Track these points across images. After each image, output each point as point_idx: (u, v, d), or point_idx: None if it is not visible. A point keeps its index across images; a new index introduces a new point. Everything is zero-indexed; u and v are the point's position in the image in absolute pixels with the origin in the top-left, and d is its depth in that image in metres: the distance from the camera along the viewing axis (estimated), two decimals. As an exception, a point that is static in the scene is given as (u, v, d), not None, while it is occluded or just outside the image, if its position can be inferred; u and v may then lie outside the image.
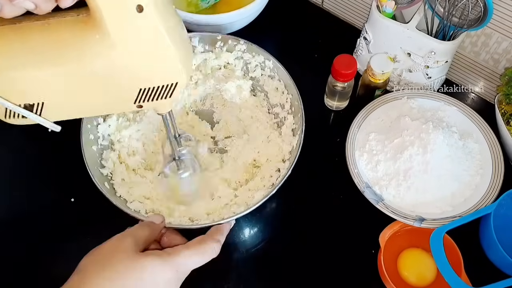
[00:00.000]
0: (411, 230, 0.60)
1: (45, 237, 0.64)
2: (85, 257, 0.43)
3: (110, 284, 0.40)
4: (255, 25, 0.79)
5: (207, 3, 0.81)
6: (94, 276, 0.40)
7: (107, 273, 0.40)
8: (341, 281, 0.60)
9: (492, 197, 0.60)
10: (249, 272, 0.61)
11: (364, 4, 0.78)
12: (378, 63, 0.65)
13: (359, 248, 0.61)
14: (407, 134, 0.62)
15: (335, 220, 0.64)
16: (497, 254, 0.55)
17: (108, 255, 0.42)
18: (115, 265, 0.41)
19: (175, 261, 0.43)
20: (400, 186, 0.61)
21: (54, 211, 0.66)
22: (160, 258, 0.43)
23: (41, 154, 0.70)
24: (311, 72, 0.77)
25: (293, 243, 0.63)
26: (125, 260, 0.41)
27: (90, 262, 0.42)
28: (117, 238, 0.44)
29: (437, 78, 0.70)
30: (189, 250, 0.45)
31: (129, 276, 0.41)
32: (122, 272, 0.41)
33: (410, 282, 0.58)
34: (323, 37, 0.82)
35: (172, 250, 0.45)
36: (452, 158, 0.61)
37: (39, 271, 0.61)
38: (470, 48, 0.70)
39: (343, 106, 0.73)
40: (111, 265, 0.41)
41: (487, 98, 0.74)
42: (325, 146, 0.70)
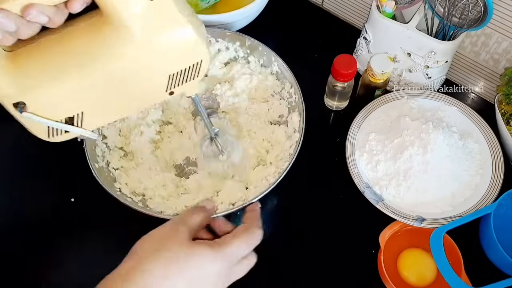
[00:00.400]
0: (411, 230, 0.60)
1: (45, 237, 0.64)
2: (138, 242, 0.43)
3: (163, 269, 0.40)
4: (255, 25, 0.79)
5: (207, 3, 0.81)
6: (149, 258, 0.40)
7: (161, 255, 0.41)
8: (341, 281, 0.60)
9: (492, 197, 0.59)
10: (248, 272, 0.61)
11: (364, 4, 0.78)
12: (378, 63, 0.65)
13: (359, 248, 0.61)
14: (407, 134, 0.62)
15: (335, 220, 0.64)
16: (497, 254, 0.55)
17: (163, 239, 0.42)
18: (170, 249, 0.41)
19: (226, 251, 0.44)
20: (400, 186, 0.61)
21: (54, 211, 0.66)
22: (211, 248, 0.43)
23: (41, 154, 0.70)
24: (311, 72, 0.77)
25: (293, 243, 0.63)
26: (179, 245, 0.42)
27: (146, 245, 0.42)
28: (171, 224, 0.45)
29: (437, 78, 0.70)
30: (238, 239, 0.45)
31: (182, 261, 0.41)
32: (176, 256, 0.41)
33: (410, 282, 0.58)
34: (323, 37, 0.82)
35: (221, 240, 0.45)
36: (452, 158, 0.61)
37: (39, 271, 0.61)
38: (470, 48, 0.70)
39: (343, 106, 0.73)
40: (164, 251, 0.41)
41: (487, 98, 0.74)
42: (325, 146, 0.70)
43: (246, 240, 0.46)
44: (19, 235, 0.64)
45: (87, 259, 0.62)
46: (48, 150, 0.59)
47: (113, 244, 0.63)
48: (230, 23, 0.74)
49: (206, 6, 0.82)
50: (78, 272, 0.61)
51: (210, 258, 0.42)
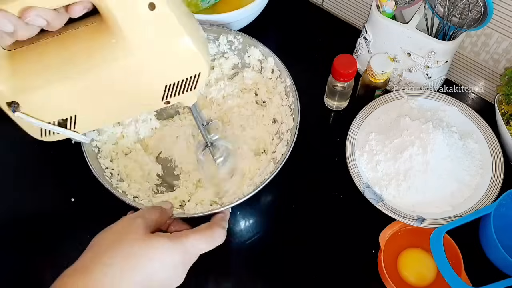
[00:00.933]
0: (411, 230, 0.60)
1: (45, 237, 0.64)
2: (96, 236, 0.43)
3: (121, 262, 0.40)
4: (255, 25, 0.79)
5: (207, 3, 0.81)
6: (105, 253, 0.41)
7: (116, 249, 0.41)
8: (341, 281, 0.60)
9: (492, 197, 0.59)
10: (248, 272, 0.61)
11: (364, 4, 0.78)
12: (378, 63, 0.65)
13: (359, 248, 0.61)
14: (407, 134, 0.62)
15: (335, 220, 0.64)
16: (497, 254, 0.55)
17: (119, 235, 0.43)
18: (126, 244, 0.41)
19: (183, 243, 0.44)
20: (400, 186, 0.61)
21: (54, 211, 0.66)
22: (169, 240, 0.43)
23: (41, 154, 0.70)
24: (311, 72, 0.77)
25: (293, 243, 0.63)
26: (135, 240, 0.42)
27: (101, 241, 0.43)
28: (127, 218, 0.45)
29: (437, 78, 0.70)
30: (197, 234, 0.46)
31: (138, 254, 0.41)
32: (132, 249, 0.41)
33: (410, 282, 0.58)
34: (323, 37, 0.82)
35: (180, 233, 0.45)
36: (452, 158, 0.61)
37: (40, 271, 0.61)
38: (470, 48, 0.70)
39: (343, 106, 0.73)
40: (122, 244, 0.41)
41: (487, 98, 0.74)
42: (325, 146, 0.70)
43: (206, 237, 0.46)
44: (19, 235, 0.64)
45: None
46: (48, 150, 0.59)
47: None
48: (230, 23, 0.74)
49: (206, 6, 0.82)
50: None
51: (168, 249, 0.43)
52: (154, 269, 0.41)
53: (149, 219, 0.46)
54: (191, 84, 0.44)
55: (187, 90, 0.44)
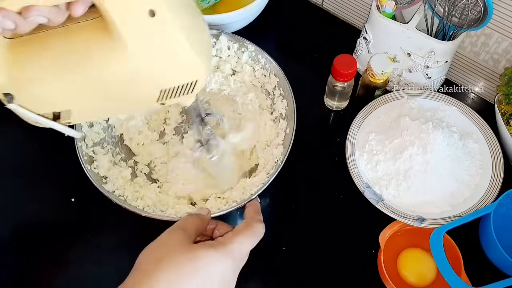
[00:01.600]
0: (411, 230, 0.60)
1: (45, 237, 0.64)
2: (141, 254, 0.43)
3: (166, 273, 0.40)
4: (255, 25, 0.79)
5: (207, 3, 0.81)
6: (151, 269, 0.40)
7: (163, 264, 0.40)
8: (341, 281, 0.60)
9: (492, 197, 0.60)
10: (248, 271, 0.61)
11: (364, 4, 0.78)
12: (378, 63, 0.65)
13: (359, 248, 0.61)
14: (407, 134, 0.63)
15: (335, 220, 0.64)
16: (497, 254, 0.55)
17: (162, 248, 0.42)
18: (171, 256, 0.41)
19: (229, 249, 0.43)
20: (400, 186, 0.61)
21: (54, 211, 0.66)
22: (214, 248, 0.42)
23: (41, 154, 0.70)
24: (311, 72, 0.77)
25: (292, 243, 0.63)
26: (179, 251, 0.41)
27: (147, 259, 0.42)
28: (167, 232, 0.44)
29: (437, 78, 0.70)
30: (241, 236, 0.45)
31: (185, 266, 0.40)
32: (178, 263, 0.40)
33: (410, 282, 0.58)
34: (323, 37, 0.82)
35: (223, 239, 0.45)
36: (452, 158, 0.61)
37: (40, 271, 0.61)
38: (470, 48, 0.70)
39: (343, 106, 0.73)
40: (166, 257, 0.41)
41: (487, 98, 0.74)
42: (325, 146, 0.71)
43: (248, 236, 0.46)
44: (19, 235, 0.64)
45: (88, 259, 0.62)
46: (48, 150, 0.59)
47: (114, 244, 0.63)
48: (230, 23, 0.74)
49: (206, 7, 0.82)
50: (79, 272, 0.61)
51: (215, 258, 0.42)
52: (204, 280, 0.41)
53: (190, 229, 0.45)
54: (188, 89, 0.43)
55: (183, 94, 0.44)
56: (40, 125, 0.44)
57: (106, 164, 0.61)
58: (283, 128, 0.64)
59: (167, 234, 0.44)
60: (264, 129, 0.67)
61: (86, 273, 0.61)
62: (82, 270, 0.61)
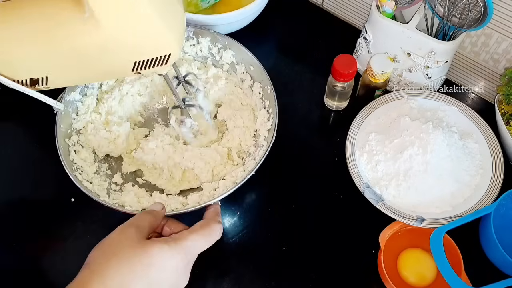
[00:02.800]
0: (411, 230, 0.60)
1: (45, 237, 0.64)
2: (92, 251, 0.43)
3: (118, 271, 0.40)
4: (255, 25, 0.79)
5: (207, 3, 0.81)
6: (102, 267, 0.40)
7: (114, 262, 0.40)
8: (341, 280, 0.60)
9: (492, 197, 0.59)
10: (247, 271, 0.61)
11: (364, 4, 0.78)
12: (378, 63, 0.65)
13: (359, 248, 0.61)
14: (407, 134, 0.62)
15: (335, 220, 0.64)
16: (497, 254, 0.55)
17: (113, 246, 0.42)
18: (122, 254, 0.41)
19: (183, 245, 0.44)
20: (400, 186, 0.61)
21: (54, 211, 0.66)
22: (167, 244, 0.43)
23: (41, 154, 0.70)
24: (311, 72, 0.78)
25: (292, 243, 0.63)
26: (130, 248, 0.41)
27: (97, 255, 0.42)
28: (120, 229, 0.45)
29: (437, 78, 0.70)
30: (195, 234, 0.45)
31: (137, 263, 0.40)
32: (129, 259, 0.40)
33: (410, 282, 0.58)
34: (323, 37, 0.82)
35: (178, 235, 0.45)
36: (452, 158, 0.61)
37: (40, 271, 0.61)
38: (470, 48, 0.70)
39: (343, 106, 0.73)
40: (117, 254, 0.41)
41: (487, 98, 0.74)
42: (325, 146, 0.71)
43: (203, 235, 0.46)
44: (19, 235, 0.64)
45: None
46: (48, 150, 0.59)
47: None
48: (230, 23, 0.74)
49: (206, 6, 0.82)
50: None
51: (167, 253, 0.42)
52: (156, 276, 0.41)
53: (142, 226, 0.45)
54: (161, 62, 0.44)
55: (157, 65, 0.44)
56: (29, 92, 0.45)
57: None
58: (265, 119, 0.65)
59: (119, 231, 0.44)
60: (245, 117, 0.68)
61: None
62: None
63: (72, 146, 0.61)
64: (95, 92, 0.66)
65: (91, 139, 0.63)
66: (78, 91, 0.63)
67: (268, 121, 0.63)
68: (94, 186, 0.59)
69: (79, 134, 0.63)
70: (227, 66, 0.71)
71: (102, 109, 0.66)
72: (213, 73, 0.71)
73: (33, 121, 0.73)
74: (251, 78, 0.68)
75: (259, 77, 0.66)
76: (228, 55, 0.70)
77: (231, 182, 0.60)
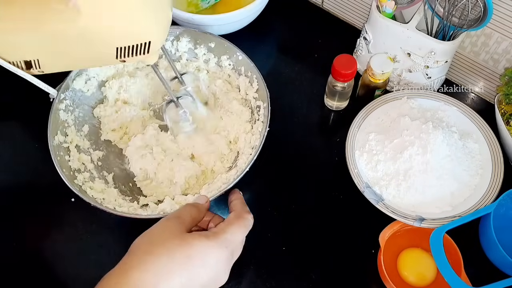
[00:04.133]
0: (411, 230, 0.60)
1: (46, 237, 0.64)
2: (136, 240, 0.43)
3: (158, 260, 0.40)
4: (255, 25, 0.79)
5: (207, 3, 0.81)
6: (142, 255, 0.41)
7: (154, 250, 0.41)
8: (341, 280, 0.60)
9: (492, 197, 0.60)
10: (248, 270, 0.61)
11: (364, 4, 0.78)
12: (378, 63, 0.65)
13: (359, 248, 0.61)
14: (407, 134, 0.63)
15: (335, 220, 0.64)
16: (497, 254, 0.55)
17: (155, 236, 0.43)
18: (163, 246, 0.41)
19: (222, 238, 0.44)
20: (400, 186, 0.61)
21: (54, 211, 0.66)
22: (207, 237, 0.43)
23: (41, 154, 0.70)
24: (311, 72, 0.78)
25: (292, 243, 0.63)
26: (171, 239, 0.42)
27: (139, 245, 0.42)
28: (163, 221, 0.45)
29: (437, 78, 0.70)
30: (233, 226, 0.46)
31: (177, 253, 0.41)
32: (169, 250, 0.41)
33: (410, 282, 0.58)
34: (323, 37, 0.82)
35: (216, 229, 0.45)
36: (452, 158, 0.61)
37: (40, 272, 0.61)
38: (470, 48, 0.70)
39: (343, 106, 0.73)
40: (159, 246, 0.41)
41: (487, 98, 0.74)
42: (325, 146, 0.71)
43: (240, 225, 0.47)
44: (19, 235, 0.64)
45: (88, 258, 0.62)
46: (48, 150, 0.59)
47: (116, 245, 0.63)
48: (230, 23, 0.74)
49: (206, 7, 0.82)
50: (80, 273, 0.61)
51: (208, 247, 0.42)
52: (195, 268, 0.41)
53: (185, 218, 0.45)
54: (144, 49, 0.44)
55: (140, 53, 0.45)
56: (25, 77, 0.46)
57: None
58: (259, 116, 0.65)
59: (162, 223, 0.44)
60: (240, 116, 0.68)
61: (89, 273, 0.61)
62: (83, 269, 0.61)
63: (66, 144, 0.62)
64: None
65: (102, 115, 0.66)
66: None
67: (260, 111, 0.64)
68: (95, 192, 0.59)
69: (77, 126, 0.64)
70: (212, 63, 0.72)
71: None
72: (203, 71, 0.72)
73: (33, 120, 0.73)
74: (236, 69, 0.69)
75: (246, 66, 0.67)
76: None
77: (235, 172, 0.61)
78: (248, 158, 0.61)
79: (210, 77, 0.72)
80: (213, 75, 0.72)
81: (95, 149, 0.65)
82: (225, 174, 0.63)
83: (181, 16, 0.71)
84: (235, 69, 0.69)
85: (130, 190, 0.64)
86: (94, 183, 0.61)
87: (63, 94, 0.62)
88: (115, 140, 0.68)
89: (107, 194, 0.60)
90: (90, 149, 0.65)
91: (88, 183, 0.60)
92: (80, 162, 0.62)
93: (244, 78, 0.68)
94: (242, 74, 0.68)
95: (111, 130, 0.68)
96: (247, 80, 0.68)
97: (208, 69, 0.72)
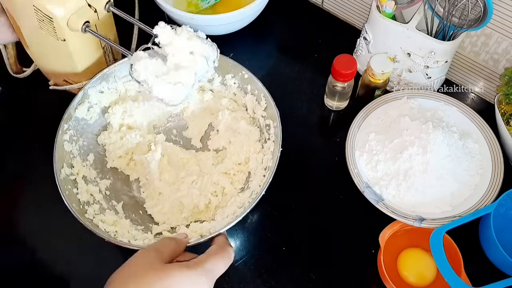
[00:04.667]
0: (411, 230, 0.60)
1: (45, 237, 0.64)
2: (113, 274, 0.42)
3: None
4: (255, 25, 0.79)
5: (207, 3, 0.81)
6: None
7: (132, 284, 0.40)
8: (341, 281, 0.60)
9: (492, 197, 0.60)
10: (248, 271, 0.61)
11: (364, 4, 0.78)
12: (378, 63, 0.65)
13: (359, 248, 0.61)
14: (407, 134, 0.63)
15: (335, 220, 0.64)
16: (497, 254, 0.55)
17: (135, 269, 0.42)
18: (141, 276, 0.40)
19: (203, 268, 0.43)
20: (400, 186, 0.61)
21: (54, 211, 0.65)
22: (187, 267, 0.42)
23: (41, 154, 0.70)
24: (311, 72, 0.78)
25: (292, 243, 0.63)
26: (150, 270, 0.41)
27: (117, 277, 0.42)
28: (141, 252, 0.44)
29: (437, 78, 0.70)
30: (214, 257, 0.45)
31: (156, 285, 0.40)
32: (150, 283, 0.40)
33: (410, 282, 0.58)
34: (323, 37, 0.82)
35: (197, 259, 0.45)
36: (452, 158, 0.61)
37: (40, 272, 0.61)
38: (470, 48, 0.70)
39: (343, 106, 0.73)
40: (136, 276, 0.40)
41: (487, 98, 0.74)
42: (325, 146, 0.71)
43: (222, 257, 0.46)
44: (19, 235, 0.64)
45: (88, 258, 0.62)
46: (48, 150, 0.59)
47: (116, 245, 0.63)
48: (230, 23, 0.74)
49: (206, 7, 0.82)
50: (80, 273, 0.61)
51: (188, 277, 0.41)
52: None
53: (163, 249, 0.45)
54: None
55: None
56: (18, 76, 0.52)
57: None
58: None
59: (140, 254, 0.44)
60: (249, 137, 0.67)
61: (86, 273, 0.61)
62: (83, 269, 0.61)
63: (73, 176, 0.60)
64: None
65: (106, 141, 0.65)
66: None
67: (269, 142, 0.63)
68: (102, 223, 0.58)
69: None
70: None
71: None
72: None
73: (34, 122, 0.73)
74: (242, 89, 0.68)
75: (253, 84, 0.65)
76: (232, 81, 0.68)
77: (237, 207, 0.60)
78: (262, 180, 0.60)
79: (215, 96, 0.70)
80: (218, 94, 0.70)
81: (102, 178, 0.64)
82: (238, 197, 0.61)
83: (181, 16, 0.71)
84: (241, 88, 0.67)
85: (141, 219, 0.62)
86: (105, 216, 0.59)
87: (66, 124, 0.60)
88: (121, 167, 0.67)
89: (120, 226, 0.58)
90: (97, 179, 0.63)
91: (99, 216, 0.58)
92: (89, 193, 0.60)
93: (251, 96, 0.66)
94: (248, 93, 0.67)
95: (117, 157, 0.66)
96: (254, 98, 0.66)
97: (213, 88, 0.70)
